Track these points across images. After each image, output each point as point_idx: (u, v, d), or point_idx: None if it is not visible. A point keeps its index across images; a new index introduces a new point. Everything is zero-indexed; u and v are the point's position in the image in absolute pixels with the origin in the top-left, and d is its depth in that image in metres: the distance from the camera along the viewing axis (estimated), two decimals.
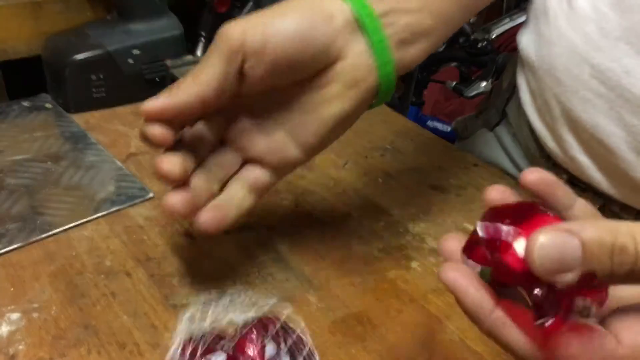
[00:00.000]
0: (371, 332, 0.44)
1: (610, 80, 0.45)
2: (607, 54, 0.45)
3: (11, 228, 0.52)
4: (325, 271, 0.50)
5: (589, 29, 0.46)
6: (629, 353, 0.25)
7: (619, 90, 0.44)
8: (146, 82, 0.74)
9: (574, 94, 0.47)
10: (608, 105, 0.45)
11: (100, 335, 0.43)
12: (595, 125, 0.47)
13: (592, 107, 0.46)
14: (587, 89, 0.46)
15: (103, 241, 0.52)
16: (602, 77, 0.45)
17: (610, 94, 0.45)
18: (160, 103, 0.38)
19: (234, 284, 0.48)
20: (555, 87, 0.49)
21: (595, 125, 0.47)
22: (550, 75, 0.49)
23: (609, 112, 0.45)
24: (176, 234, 0.53)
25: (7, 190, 0.57)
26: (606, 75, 0.45)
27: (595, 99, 0.46)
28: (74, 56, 0.69)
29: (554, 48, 0.49)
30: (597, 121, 0.46)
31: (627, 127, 0.45)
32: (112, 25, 0.74)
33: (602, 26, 0.45)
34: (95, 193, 0.57)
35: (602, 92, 0.45)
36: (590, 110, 0.47)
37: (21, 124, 0.68)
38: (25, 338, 0.42)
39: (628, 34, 0.44)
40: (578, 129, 0.48)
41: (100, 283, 0.47)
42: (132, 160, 0.63)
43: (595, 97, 0.46)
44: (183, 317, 0.38)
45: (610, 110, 0.45)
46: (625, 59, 0.44)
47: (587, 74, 0.46)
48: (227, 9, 0.92)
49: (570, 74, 0.47)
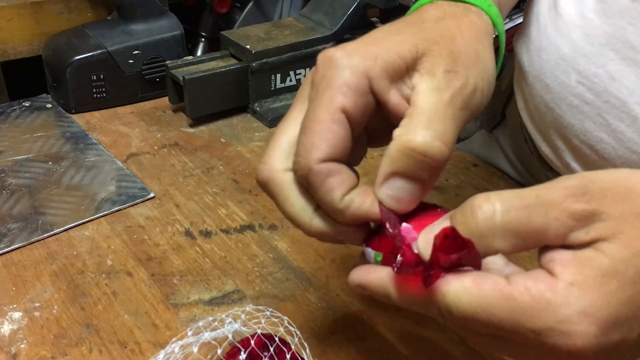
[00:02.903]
0: (371, 331, 0.44)
1: (596, 87, 0.45)
2: (593, 60, 0.45)
3: (13, 228, 0.53)
4: (325, 271, 0.50)
5: (575, 36, 0.46)
6: (565, 287, 0.25)
7: (605, 96, 0.44)
8: (146, 82, 0.74)
9: (562, 101, 0.47)
10: (595, 112, 0.45)
11: (102, 334, 0.43)
12: (584, 132, 0.47)
13: (580, 114, 0.46)
14: (574, 96, 0.46)
15: (104, 241, 0.52)
16: (588, 84, 0.45)
17: (596, 100, 0.45)
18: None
19: (234, 284, 0.48)
20: (545, 94, 0.49)
21: (584, 132, 0.47)
22: (539, 82, 0.49)
23: (596, 118, 0.45)
24: (177, 233, 0.53)
25: (8, 190, 0.57)
26: (592, 81, 0.45)
27: (583, 105, 0.46)
28: (75, 56, 0.70)
29: (543, 54, 0.49)
30: (585, 127, 0.46)
31: (615, 134, 0.45)
32: (113, 26, 0.74)
33: (588, 33, 0.45)
34: (96, 193, 0.58)
35: (589, 99, 0.45)
36: (578, 117, 0.47)
37: (22, 124, 0.68)
38: (27, 337, 0.43)
39: (613, 41, 0.44)
40: (568, 136, 0.48)
41: (101, 282, 0.48)
42: (133, 160, 0.63)
43: (582, 104, 0.46)
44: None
45: (597, 116, 0.45)
46: (611, 65, 0.44)
47: (574, 80, 0.46)
48: (227, 9, 0.93)
49: (558, 80, 0.47)
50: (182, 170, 0.62)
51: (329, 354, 0.42)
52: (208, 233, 0.53)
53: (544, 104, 0.49)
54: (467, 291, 0.27)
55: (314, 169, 0.31)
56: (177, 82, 0.69)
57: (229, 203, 0.57)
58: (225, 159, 0.64)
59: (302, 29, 0.76)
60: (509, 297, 0.26)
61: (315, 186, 0.31)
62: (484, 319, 0.26)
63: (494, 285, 0.26)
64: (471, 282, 0.27)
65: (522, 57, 0.52)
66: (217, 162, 0.64)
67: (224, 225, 0.55)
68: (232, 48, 0.73)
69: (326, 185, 0.31)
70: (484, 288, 0.27)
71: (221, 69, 0.70)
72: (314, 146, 0.31)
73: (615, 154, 0.46)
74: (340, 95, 0.31)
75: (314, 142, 0.31)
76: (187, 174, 0.62)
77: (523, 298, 0.26)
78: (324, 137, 0.31)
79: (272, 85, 0.73)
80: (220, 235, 0.53)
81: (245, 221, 0.55)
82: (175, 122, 0.71)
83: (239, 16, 0.94)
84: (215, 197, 0.58)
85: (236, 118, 0.72)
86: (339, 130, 0.31)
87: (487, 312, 0.26)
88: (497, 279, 0.27)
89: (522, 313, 0.26)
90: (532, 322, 0.26)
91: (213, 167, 0.63)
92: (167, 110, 0.73)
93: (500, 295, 0.26)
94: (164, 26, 0.75)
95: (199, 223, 0.55)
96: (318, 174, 0.31)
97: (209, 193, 0.59)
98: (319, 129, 0.31)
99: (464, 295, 0.27)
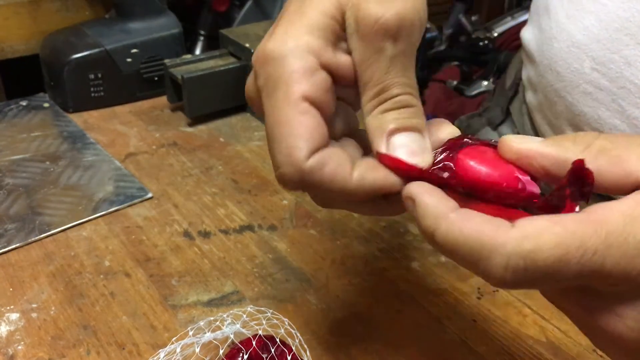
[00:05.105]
0: (371, 332, 0.44)
1: (611, 72, 0.45)
2: (607, 45, 0.45)
3: (10, 228, 0.52)
4: (325, 272, 0.49)
5: (588, 22, 0.46)
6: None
7: (620, 81, 0.44)
8: (145, 81, 0.74)
9: (575, 88, 0.47)
10: (610, 98, 0.45)
11: (100, 336, 0.43)
12: (598, 119, 0.47)
13: (594, 101, 0.46)
14: (588, 83, 0.46)
15: (102, 241, 0.52)
16: (603, 70, 0.45)
17: (611, 86, 0.45)
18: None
19: (233, 285, 0.48)
20: (557, 82, 0.49)
21: (597, 119, 0.47)
22: (551, 70, 0.49)
23: (610, 104, 0.45)
24: (175, 234, 0.53)
25: (5, 190, 0.57)
26: (607, 67, 0.45)
27: (597, 92, 0.46)
28: (72, 55, 0.69)
29: (555, 43, 0.49)
30: (599, 114, 0.46)
31: (629, 120, 0.45)
32: (111, 24, 0.73)
33: (602, 18, 0.45)
34: (93, 193, 0.57)
35: (604, 85, 0.45)
36: (592, 104, 0.47)
37: (19, 123, 0.68)
38: (25, 338, 0.42)
39: (628, 25, 0.43)
40: (580, 124, 0.48)
41: (99, 283, 0.47)
42: (131, 159, 0.63)
43: (596, 90, 0.46)
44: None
45: (612, 102, 0.45)
46: (626, 50, 0.44)
47: (588, 67, 0.46)
48: (226, 8, 0.92)
49: (571, 68, 0.47)
50: (180, 170, 0.62)
51: (329, 356, 0.42)
52: (207, 233, 0.53)
53: (556, 92, 0.49)
54: (549, 227, 0.24)
55: (305, 169, 0.28)
56: (175, 81, 0.68)
57: (227, 203, 0.57)
58: (224, 158, 0.64)
59: None
60: (600, 220, 0.24)
61: (317, 184, 0.29)
62: (579, 255, 0.24)
63: (575, 217, 0.24)
64: (547, 221, 0.24)
65: (532, 48, 0.52)
66: (215, 162, 0.63)
67: (223, 225, 0.54)
68: (231, 47, 0.72)
69: (326, 176, 0.29)
70: (566, 221, 0.24)
71: (220, 67, 0.69)
72: (293, 148, 0.28)
73: None
74: (293, 85, 0.29)
75: (289, 144, 0.28)
76: (185, 173, 0.61)
77: (616, 218, 0.24)
78: (297, 135, 0.28)
79: None
80: (219, 236, 0.53)
81: (245, 221, 0.55)
82: (173, 122, 0.70)
83: (238, 14, 0.94)
84: (214, 197, 0.58)
85: (235, 117, 0.72)
86: (309, 121, 0.29)
87: (581, 243, 0.24)
88: (573, 214, 0.25)
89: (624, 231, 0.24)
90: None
91: (212, 166, 0.62)
92: (166, 110, 0.73)
93: (588, 221, 0.24)
94: (163, 25, 0.75)
95: (197, 223, 0.54)
96: (311, 171, 0.28)
97: (207, 193, 0.58)
98: (288, 129, 0.29)
99: (546, 234, 0.24)
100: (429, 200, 0.27)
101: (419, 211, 0.28)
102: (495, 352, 0.42)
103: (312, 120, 0.29)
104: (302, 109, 0.29)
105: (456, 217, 0.26)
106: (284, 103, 0.29)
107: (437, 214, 0.27)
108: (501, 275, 0.24)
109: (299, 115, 0.29)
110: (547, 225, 0.24)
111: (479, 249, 0.25)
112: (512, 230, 0.24)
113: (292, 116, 0.29)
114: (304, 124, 0.29)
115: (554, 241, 0.24)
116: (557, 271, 0.24)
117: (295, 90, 0.29)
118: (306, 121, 0.29)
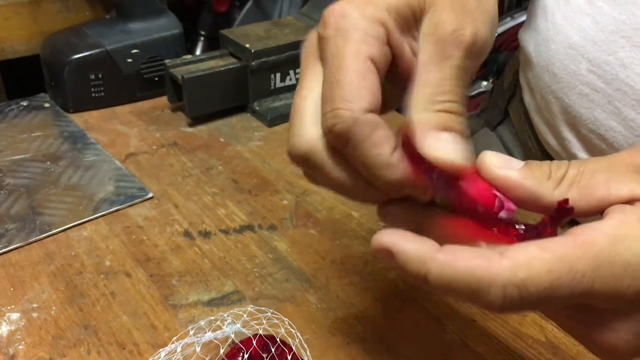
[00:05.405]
0: (371, 332, 0.44)
1: (607, 74, 0.45)
2: (603, 47, 0.45)
3: (10, 228, 0.52)
4: (325, 271, 0.50)
5: (584, 24, 0.46)
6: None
7: (616, 83, 0.45)
8: (145, 81, 0.74)
9: (572, 90, 0.48)
10: (606, 100, 0.46)
11: (100, 335, 0.43)
12: (594, 121, 0.47)
13: (590, 102, 0.46)
14: (584, 84, 0.47)
15: (102, 241, 0.52)
16: (599, 72, 0.45)
17: (607, 88, 0.45)
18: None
19: (234, 284, 0.48)
20: (553, 84, 0.49)
21: (593, 121, 0.47)
22: (547, 72, 0.50)
23: (606, 106, 0.46)
24: (175, 234, 0.53)
25: (6, 190, 0.57)
26: (603, 69, 0.45)
27: (593, 93, 0.46)
28: (73, 55, 0.69)
29: (551, 44, 0.49)
30: (595, 116, 0.47)
31: (625, 121, 0.45)
32: (111, 25, 0.73)
33: (598, 20, 0.45)
34: (94, 193, 0.57)
35: (600, 87, 0.45)
36: (588, 105, 0.47)
37: (20, 123, 0.68)
38: (25, 338, 0.42)
39: (624, 27, 0.44)
40: (577, 125, 0.48)
41: (99, 283, 0.47)
42: (131, 159, 0.63)
43: (592, 92, 0.46)
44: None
45: (608, 104, 0.45)
46: (622, 52, 0.44)
47: (584, 69, 0.46)
48: (226, 8, 0.92)
49: (567, 69, 0.48)
50: (181, 170, 0.62)
51: (329, 356, 0.42)
52: (207, 233, 0.53)
53: (552, 94, 0.49)
54: (539, 255, 0.25)
55: (361, 119, 0.27)
56: (176, 81, 0.68)
57: (228, 203, 0.57)
58: (224, 158, 0.64)
59: (302, 28, 0.75)
60: (586, 243, 0.25)
61: (361, 139, 0.27)
62: (569, 279, 0.24)
63: (562, 241, 0.25)
64: (537, 248, 0.25)
65: (529, 49, 0.52)
66: (216, 162, 0.63)
67: (223, 225, 0.54)
68: (232, 47, 0.72)
69: (374, 138, 0.27)
70: (554, 246, 0.25)
71: (220, 68, 0.69)
72: (355, 95, 0.27)
73: (625, 142, 0.46)
74: (364, 45, 0.28)
75: (353, 91, 0.27)
76: (186, 173, 0.61)
77: (601, 239, 0.25)
78: (363, 85, 0.28)
79: (271, 84, 0.72)
80: (220, 236, 0.53)
81: (245, 221, 0.55)
82: (174, 122, 0.70)
83: (239, 15, 0.94)
84: (215, 197, 0.58)
85: (235, 117, 0.72)
86: (374, 80, 0.28)
87: (571, 268, 0.24)
88: (560, 238, 0.26)
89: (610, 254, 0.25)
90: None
91: (212, 167, 0.63)
92: (166, 110, 0.73)
93: (575, 244, 0.25)
94: (163, 25, 0.75)
95: (197, 223, 0.54)
96: (365, 124, 0.27)
97: (208, 193, 0.58)
98: (355, 77, 0.28)
99: (537, 261, 0.25)
100: (408, 246, 0.27)
101: (401, 259, 0.27)
102: (495, 352, 0.43)
103: (376, 81, 0.29)
104: (369, 67, 0.28)
105: (445, 257, 0.26)
106: (353, 55, 0.28)
107: (422, 258, 0.26)
108: (500, 305, 0.25)
109: (367, 71, 0.28)
110: (538, 253, 0.25)
111: (476, 285, 0.25)
112: (503, 261, 0.25)
113: (359, 68, 0.28)
114: (369, 79, 0.28)
115: (544, 268, 0.24)
116: (549, 295, 0.25)
117: (367, 50, 0.29)
118: (372, 79, 0.28)
